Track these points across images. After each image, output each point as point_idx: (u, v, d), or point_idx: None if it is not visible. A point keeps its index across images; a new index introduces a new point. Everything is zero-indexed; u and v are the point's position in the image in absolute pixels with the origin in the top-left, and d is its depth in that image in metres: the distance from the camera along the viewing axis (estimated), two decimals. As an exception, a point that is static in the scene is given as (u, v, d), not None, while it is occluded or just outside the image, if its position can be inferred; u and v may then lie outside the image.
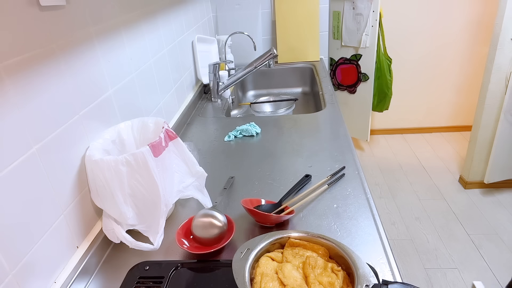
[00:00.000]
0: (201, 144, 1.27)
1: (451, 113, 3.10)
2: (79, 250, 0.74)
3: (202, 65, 1.69)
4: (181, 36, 1.49)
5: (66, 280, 0.68)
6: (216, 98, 1.70)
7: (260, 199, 0.89)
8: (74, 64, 0.74)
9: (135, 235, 0.75)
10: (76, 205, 0.73)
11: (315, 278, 0.59)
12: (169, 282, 0.70)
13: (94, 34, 0.83)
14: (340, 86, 2.60)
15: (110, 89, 0.89)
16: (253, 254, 0.63)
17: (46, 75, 0.65)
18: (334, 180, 0.98)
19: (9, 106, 0.57)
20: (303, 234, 0.68)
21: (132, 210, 0.74)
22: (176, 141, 0.83)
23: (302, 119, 1.41)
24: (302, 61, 2.12)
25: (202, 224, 0.79)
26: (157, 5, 1.24)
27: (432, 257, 1.91)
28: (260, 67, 1.59)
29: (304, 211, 0.88)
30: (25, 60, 0.60)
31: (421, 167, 2.71)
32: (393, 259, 0.72)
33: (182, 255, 0.78)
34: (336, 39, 2.45)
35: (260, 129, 1.33)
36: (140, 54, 1.08)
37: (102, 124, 0.84)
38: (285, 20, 2.05)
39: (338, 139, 1.21)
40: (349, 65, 2.48)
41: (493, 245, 1.95)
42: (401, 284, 0.57)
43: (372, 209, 0.86)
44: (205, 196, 0.89)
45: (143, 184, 0.73)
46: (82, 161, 0.75)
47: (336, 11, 2.35)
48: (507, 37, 1.96)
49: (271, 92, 2.07)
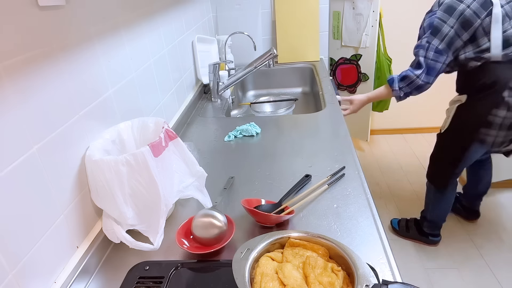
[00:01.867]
0: (201, 144, 1.27)
1: (451, 113, 3.09)
2: (79, 250, 0.74)
3: (202, 65, 1.69)
4: (181, 36, 1.49)
5: (66, 280, 0.68)
6: (216, 98, 1.69)
7: (260, 199, 0.89)
8: (74, 64, 0.74)
9: (135, 235, 0.75)
10: (76, 205, 0.73)
11: (315, 278, 0.59)
12: (169, 282, 0.70)
13: (94, 34, 0.83)
14: (340, 86, 2.60)
15: (110, 89, 0.89)
16: (253, 254, 0.63)
17: (46, 75, 0.65)
18: (334, 180, 0.98)
19: (9, 106, 0.57)
20: (303, 234, 0.68)
21: (132, 210, 0.74)
22: (176, 141, 0.83)
23: (302, 119, 1.41)
24: (302, 61, 2.12)
25: (202, 224, 0.79)
26: (157, 5, 1.24)
27: (432, 257, 1.91)
28: (260, 67, 1.59)
29: (304, 211, 0.88)
30: (24, 60, 0.60)
31: (421, 167, 2.71)
32: (393, 259, 0.72)
33: (182, 255, 0.78)
34: (336, 39, 2.45)
35: (260, 129, 1.33)
36: (140, 54, 1.08)
37: (102, 124, 0.84)
38: (285, 20, 2.05)
39: (338, 139, 1.21)
40: (349, 65, 2.48)
41: (493, 245, 1.95)
42: (401, 284, 0.57)
43: (372, 209, 0.86)
44: (205, 196, 0.89)
45: (143, 184, 0.73)
46: (82, 161, 0.75)
47: (336, 11, 2.35)
48: (507, 37, 1.96)
49: (271, 92, 2.07)
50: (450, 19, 1.38)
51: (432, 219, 1.91)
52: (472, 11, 1.34)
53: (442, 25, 1.40)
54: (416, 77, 1.46)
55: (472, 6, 1.34)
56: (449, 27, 1.39)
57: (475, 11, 1.34)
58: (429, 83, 1.48)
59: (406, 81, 1.49)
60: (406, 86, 1.50)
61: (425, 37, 1.45)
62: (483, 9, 1.34)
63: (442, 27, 1.40)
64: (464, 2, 1.36)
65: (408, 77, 1.49)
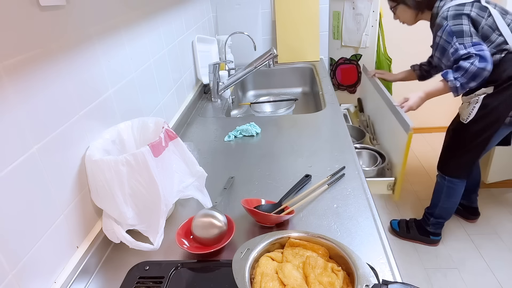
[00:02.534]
0: (201, 144, 1.27)
1: (451, 113, 3.09)
2: (79, 250, 0.74)
3: (202, 65, 1.69)
4: (181, 36, 1.49)
5: (66, 280, 0.68)
6: (216, 98, 1.69)
7: (260, 199, 0.89)
8: (74, 64, 0.74)
9: (135, 235, 0.75)
10: (76, 205, 0.73)
11: (315, 278, 0.59)
12: (169, 282, 0.70)
13: (94, 34, 0.83)
14: (340, 86, 2.60)
15: (110, 89, 0.89)
16: (253, 254, 0.63)
17: (46, 75, 0.65)
18: (334, 180, 0.98)
19: (9, 106, 0.57)
20: (303, 234, 0.68)
21: (132, 210, 0.74)
22: (176, 141, 0.83)
23: (302, 119, 1.41)
24: (302, 61, 2.12)
25: (202, 224, 0.79)
26: (157, 5, 1.24)
27: (432, 257, 1.91)
28: (260, 67, 1.59)
29: (304, 211, 0.88)
30: (25, 60, 0.60)
31: (421, 167, 2.71)
32: (393, 259, 0.72)
33: (182, 255, 0.78)
34: (336, 39, 2.45)
35: (260, 129, 1.33)
36: (140, 54, 1.08)
37: (102, 124, 0.84)
38: (285, 20, 2.05)
39: (338, 139, 1.21)
40: (349, 65, 2.48)
41: (493, 245, 1.95)
42: (401, 284, 0.57)
43: (372, 209, 0.86)
44: (205, 196, 0.89)
45: (143, 184, 0.73)
46: (82, 161, 0.75)
47: (336, 11, 2.35)
48: (507, 37, 1.96)
49: (271, 92, 2.07)
50: (463, 20, 1.47)
51: (440, 214, 1.90)
52: (475, 13, 1.47)
53: (461, 27, 1.47)
54: (471, 64, 1.43)
55: (473, 10, 1.48)
56: (467, 26, 1.46)
57: (477, 13, 1.48)
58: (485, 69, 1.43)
59: (461, 71, 1.47)
60: (462, 76, 1.48)
61: (454, 44, 1.47)
62: (483, 11, 1.48)
63: (462, 27, 1.47)
64: (466, 8, 1.48)
65: (461, 67, 1.46)
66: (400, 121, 1.65)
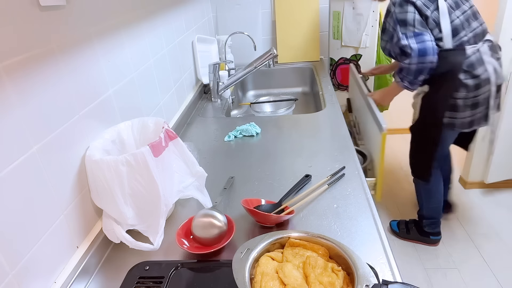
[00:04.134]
0: (201, 144, 1.27)
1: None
2: (79, 250, 0.74)
3: (202, 65, 1.69)
4: (181, 36, 1.49)
5: (66, 280, 0.68)
6: (216, 98, 1.70)
7: (260, 199, 0.89)
8: (74, 64, 0.74)
9: (135, 235, 0.75)
10: (76, 205, 0.73)
11: (316, 278, 0.59)
12: (169, 282, 0.70)
13: (94, 34, 0.83)
14: (340, 86, 2.60)
15: (110, 89, 0.89)
16: (253, 254, 0.63)
17: (46, 75, 0.65)
18: (334, 180, 0.98)
19: (9, 106, 0.57)
20: (303, 234, 0.68)
21: (132, 210, 0.74)
22: (176, 141, 0.83)
23: (302, 119, 1.41)
24: (302, 61, 2.12)
25: (202, 224, 0.79)
26: (157, 5, 1.24)
27: (432, 257, 1.91)
28: (260, 67, 1.59)
29: (304, 211, 0.88)
30: (25, 60, 0.60)
31: (421, 167, 2.70)
32: (393, 259, 0.72)
33: (182, 255, 0.78)
34: (336, 39, 2.45)
35: (260, 129, 1.33)
36: (140, 54, 1.08)
37: (102, 124, 0.84)
38: (285, 20, 2.05)
39: (338, 139, 1.21)
40: (349, 65, 2.47)
41: (493, 245, 1.95)
42: (401, 284, 0.57)
43: (372, 209, 0.86)
44: (205, 196, 0.89)
45: (143, 184, 0.73)
46: (82, 161, 0.75)
47: (336, 11, 2.34)
48: (507, 37, 1.96)
49: (271, 92, 2.07)
50: (408, 7, 1.47)
51: (429, 214, 1.92)
52: (422, 2, 1.46)
53: (405, 15, 1.47)
54: (409, 63, 1.48)
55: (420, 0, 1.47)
56: (412, 13, 1.46)
57: (424, 3, 1.46)
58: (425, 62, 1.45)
59: (404, 70, 1.52)
60: (407, 75, 1.53)
61: (398, 33, 1.49)
62: (431, 2, 1.46)
63: (406, 16, 1.47)
64: None
65: (403, 67, 1.52)
66: (376, 121, 1.64)
